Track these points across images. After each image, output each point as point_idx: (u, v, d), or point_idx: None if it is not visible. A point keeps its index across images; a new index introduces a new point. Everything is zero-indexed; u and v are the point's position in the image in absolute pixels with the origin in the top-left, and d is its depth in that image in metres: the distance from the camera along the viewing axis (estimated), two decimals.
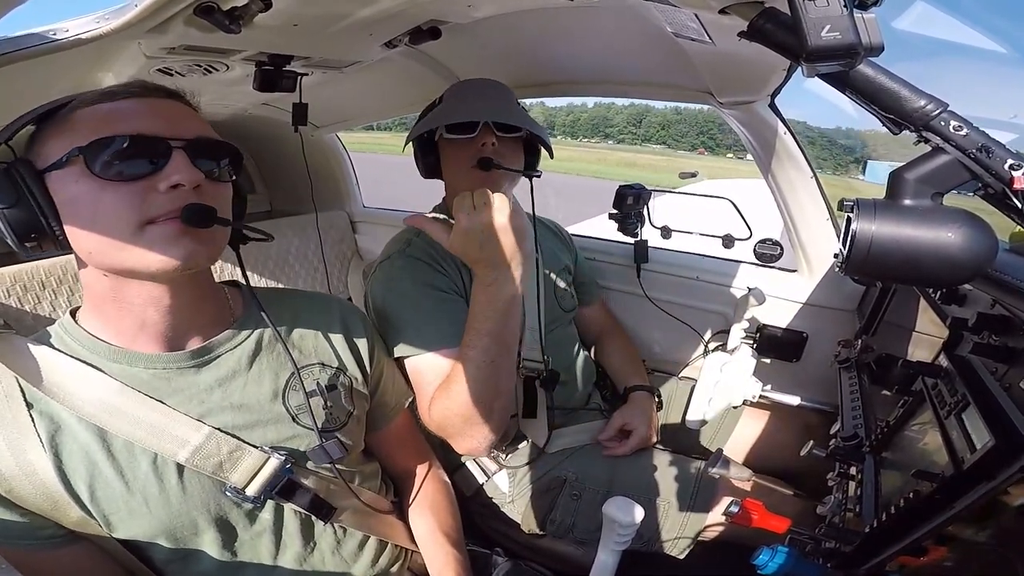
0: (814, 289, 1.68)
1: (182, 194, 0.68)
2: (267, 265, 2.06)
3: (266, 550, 0.83)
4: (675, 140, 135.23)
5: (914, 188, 0.68)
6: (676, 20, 1.05)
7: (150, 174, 0.67)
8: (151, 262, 0.68)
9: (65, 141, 0.67)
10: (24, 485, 0.68)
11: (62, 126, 0.68)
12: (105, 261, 0.69)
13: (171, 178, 0.67)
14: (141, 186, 0.67)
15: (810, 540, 0.89)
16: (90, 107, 0.69)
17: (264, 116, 1.96)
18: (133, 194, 0.67)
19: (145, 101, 0.71)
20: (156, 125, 0.69)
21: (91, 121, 0.68)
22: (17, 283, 1.18)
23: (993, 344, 0.81)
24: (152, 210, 0.67)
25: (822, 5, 0.58)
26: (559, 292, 1.51)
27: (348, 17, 1.12)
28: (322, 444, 0.83)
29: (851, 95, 0.70)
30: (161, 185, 0.67)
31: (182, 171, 0.67)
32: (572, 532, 1.29)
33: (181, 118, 0.72)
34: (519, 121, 1.24)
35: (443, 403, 1.05)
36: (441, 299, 1.18)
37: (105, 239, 0.67)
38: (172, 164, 0.68)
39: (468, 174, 1.23)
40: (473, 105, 1.26)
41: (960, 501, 0.65)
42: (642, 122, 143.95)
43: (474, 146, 1.23)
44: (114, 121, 0.68)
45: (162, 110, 0.71)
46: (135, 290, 0.72)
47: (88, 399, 0.71)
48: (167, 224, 0.68)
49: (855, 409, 1.14)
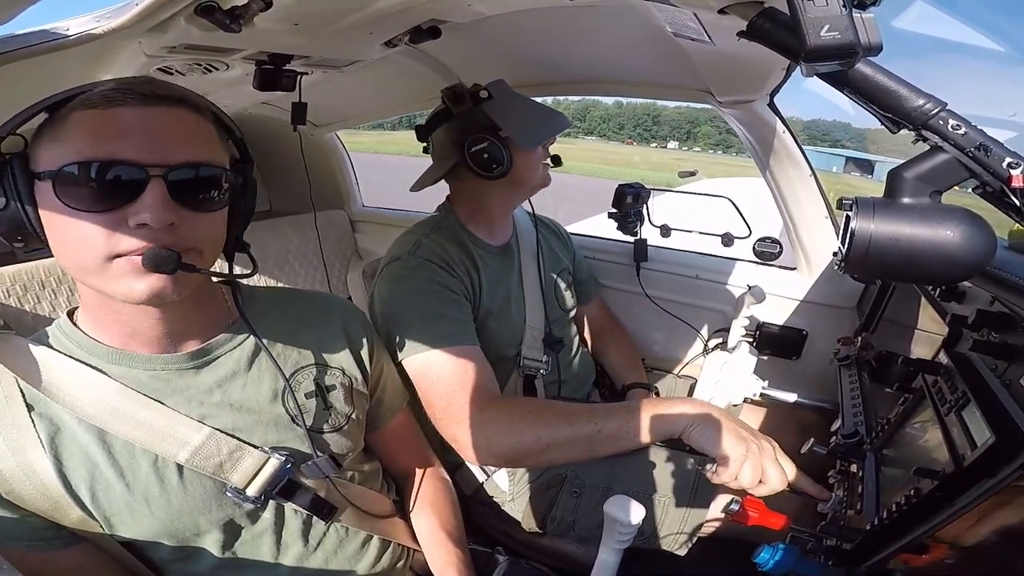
0: (813, 287, 1.69)
1: (149, 233, 0.64)
2: (266, 265, 2.06)
3: (267, 550, 0.83)
4: (614, 132, 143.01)
5: (913, 186, 0.68)
6: (676, 20, 1.05)
7: (123, 205, 0.63)
8: (117, 292, 0.66)
9: (49, 151, 0.64)
10: (24, 485, 0.68)
11: (55, 129, 0.65)
12: (81, 279, 0.69)
13: (139, 216, 0.63)
14: (113, 217, 0.63)
15: (811, 538, 0.89)
16: (85, 111, 0.64)
17: (264, 115, 1.96)
18: (103, 225, 0.63)
19: (142, 112, 0.65)
20: (141, 145, 0.63)
21: (78, 131, 0.64)
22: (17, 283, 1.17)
23: (993, 341, 0.81)
24: (120, 245, 0.63)
25: (821, 5, 0.59)
26: (559, 292, 1.51)
27: (349, 16, 1.12)
28: (315, 461, 0.83)
29: (850, 94, 0.70)
30: (130, 220, 0.63)
31: (154, 209, 0.63)
32: (573, 530, 1.29)
33: (176, 137, 0.66)
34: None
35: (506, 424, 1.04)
36: (451, 300, 1.18)
37: (78, 261, 0.66)
38: (143, 200, 0.63)
39: (543, 168, 1.36)
40: (545, 109, 1.37)
41: (961, 498, 0.65)
42: (586, 117, 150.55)
43: (542, 147, 1.34)
44: (98, 139, 0.63)
45: (156, 126, 0.65)
46: (121, 304, 0.70)
47: (88, 400, 0.71)
48: (132, 260, 0.64)
49: (855, 406, 1.15)
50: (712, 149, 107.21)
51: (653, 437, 0.97)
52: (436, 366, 1.09)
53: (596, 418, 0.99)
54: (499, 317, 1.31)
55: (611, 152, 64.92)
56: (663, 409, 0.98)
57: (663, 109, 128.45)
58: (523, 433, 1.01)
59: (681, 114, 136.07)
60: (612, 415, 0.99)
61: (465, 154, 1.26)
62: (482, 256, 1.32)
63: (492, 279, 1.32)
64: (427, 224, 1.33)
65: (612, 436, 0.98)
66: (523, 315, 1.38)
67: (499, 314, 1.31)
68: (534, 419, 1.01)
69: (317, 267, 2.24)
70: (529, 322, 1.38)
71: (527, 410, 1.04)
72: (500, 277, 1.35)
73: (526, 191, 1.38)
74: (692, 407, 0.96)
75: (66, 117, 0.65)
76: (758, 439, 0.92)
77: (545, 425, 1.00)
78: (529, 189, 1.37)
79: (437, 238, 1.26)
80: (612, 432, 0.98)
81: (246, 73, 1.30)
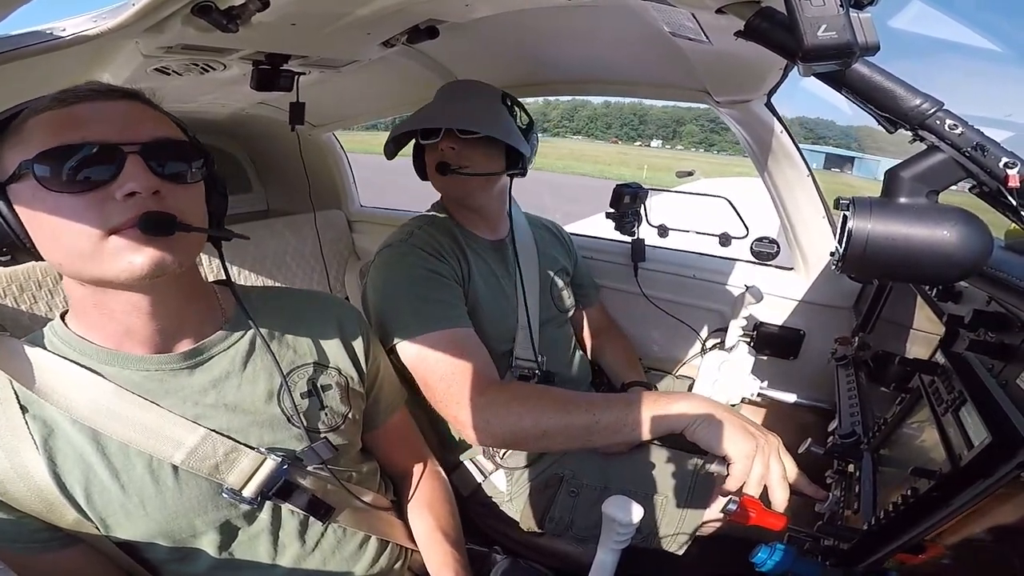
0: (811, 287, 1.69)
1: (139, 201, 0.65)
2: (264, 264, 2.06)
3: (264, 551, 0.83)
4: (601, 131, 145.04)
5: (909, 186, 0.68)
6: (673, 20, 1.05)
7: (105, 183, 0.64)
8: (118, 272, 0.65)
9: (17, 153, 0.64)
10: (18, 487, 0.68)
11: (15, 136, 0.66)
12: (75, 271, 0.68)
13: (125, 186, 0.64)
14: (98, 196, 0.64)
15: (808, 538, 0.89)
16: (41, 115, 0.66)
17: (261, 115, 1.95)
18: (91, 204, 0.64)
19: (97, 105, 0.67)
20: (108, 130, 0.65)
21: (40, 130, 0.65)
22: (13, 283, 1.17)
23: (989, 341, 0.81)
24: (112, 219, 0.64)
25: (818, 5, 0.59)
26: (555, 292, 1.51)
27: (346, 16, 1.12)
28: (311, 445, 0.83)
29: (847, 94, 0.70)
30: (117, 193, 0.64)
31: (137, 178, 0.64)
32: (571, 529, 1.30)
33: (137, 120, 0.68)
34: (473, 125, 1.23)
35: (505, 406, 1.04)
36: (443, 284, 1.19)
37: (71, 251, 0.65)
38: (126, 171, 0.64)
39: (433, 176, 1.31)
40: (439, 110, 1.29)
41: (958, 498, 0.65)
42: (575, 116, 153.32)
43: (437, 150, 1.27)
44: (63, 129, 0.64)
45: (116, 113, 0.67)
46: (115, 299, 0.71)
47: (82, 401, 0.71)
48: (128, 233, 0.65)
49: (853, 406, 1.15)
50: (695, 147, 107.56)
51: (653, 433, 0.95)
52: (432, 349, 1.10)
53: (594, 409, 0.98)
54: (489, 310, 1.30)
55: (592, 151, 67.50)
56: (664, 404, 0.96)
57: (650, 108, 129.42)
58: (521, 418, 1.01)
59: (667, 113, 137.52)
60: (610, 407, 0.98)
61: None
62: (473, 248, 1.33)
63: (483, 270, 1.32)
64: (421, 218, 1.35)
65: (609, 427, 0.97)
66: (515, 313, 1.38)
67: (489, 307, 1.31)
68: (532, 405, 1.01)
69: (314, 267, 2.23)
70: (522, 321, 1.38)
71: (526, 395, 1.04)
72: (492, 270, 1.36)
73: (448, 196, 1.38)
74: (694, 402, 0.94)
75: (20, 127, 0.66)
76: (765, 434, 0.91)
77: (542, 412, 1.00)
78: (443, 195, 1.38)
79: (430, 229, 1.28)
80: (609, 424, 0.97)
81: (243, 73, 1.30)
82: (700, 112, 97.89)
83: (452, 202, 1.38)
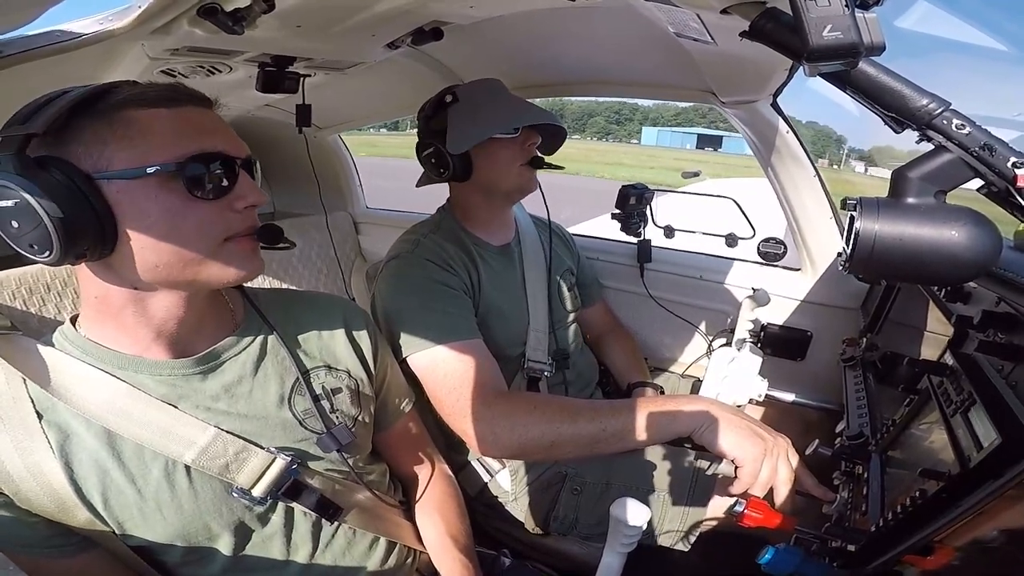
0: (818, 288, 1.68)
1: (252, 214, 0.73)
2: (270, 267, 2.06)
3: (278, 551, 0.83)
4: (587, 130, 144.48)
5: (917, 186, 0.68)
6: (677, 20, 1.05)
7: (227, 192, 0.70)
8: (230, 275, 0.72)
9: (135, 150, 0.64)
10: (31, 486, 0.68)
11: (122, 129, 0.64)
12: (174, 274, 0.69)
13: (247, 199, 0.71)
14: (221, 204, 0.70)
15: (816, 539, 0.88)
16: (151, 110, 0.66)
17: (266, 118, 1.96)
18: (217, 211, 0.69)
19: (206, 112, 0.72)
20: (225, 141, 0.71)
21: (166, 131, 0.66)
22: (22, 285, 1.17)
23: (999, 342, 0.81)
24: (233, 227, 0.71)
25: (823, 5, 0.58)
26: (563, 294, 1.52)
27: (351, 18, 1.12)
28: (329, 430, 0.84)
29: (853, 94, 0.70)
30: (237, 204, 0.71)
31: (254, 192, 0.72)
32: (575, 528, 1.29)
33: (230, 133, 0.74)
34: (551, 120, 1.28)
35: (510, 418, 1.03)
36: (451, 296, 1.19)
37: (184, 253, 0.68)
38: (241, 184, 0.71)
39: (519, 172, 1.29)
40: (514, 107, 1.29)
41: (967, 500, 0.64)
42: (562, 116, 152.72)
43: (517, 145, 1.27)
44: (200, 135, 0.68)
45: (222, 124, 0.73)
46: (159, 302, 0.72)
47: (96, 401, 0.71)
48: (244, 240, 0.73)
49: (860, 408, 1.14)
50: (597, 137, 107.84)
51: (660, 438, 0.95)
52: (441, 362, 1.10)
53: (601, 417, 0.98)
54: (500, 315, 1.31)
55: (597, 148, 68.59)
56: (671, 408, 0.96)
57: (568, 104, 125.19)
58: (528, 429, 1.01)
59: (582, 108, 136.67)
60: (617, 414, 0.98)
61: (426, 159, 1.31)
62: (481, 255, 1.32)
63: (492, 277, 1.32)
64: (426, 224, 1.35)
65: (616, 435, 0.97)
66: (526, 316, 1.38)
67: (500, 312, 1.31)
68: (539, 416, 1.01)
69: (321, 269, 2.24)
70: (533, 324, 1.38)
71: (532, 406, 1.04)
72: (501, 276, 1.35)
73: (501, 195, 1.34)
74: (701, 405, 0.94)
75: (121, 116, 0.65)
76: (774, 436, 0.90)
77: (549, 423, 1.00)
78: (504, 193, 1.34)
79: (436, 238, 1.27)
80: (616, 431, 0.97)
81: (249, 75, 1.30)
82: (610, 105, 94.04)
83: (462, 208, 1.37)
